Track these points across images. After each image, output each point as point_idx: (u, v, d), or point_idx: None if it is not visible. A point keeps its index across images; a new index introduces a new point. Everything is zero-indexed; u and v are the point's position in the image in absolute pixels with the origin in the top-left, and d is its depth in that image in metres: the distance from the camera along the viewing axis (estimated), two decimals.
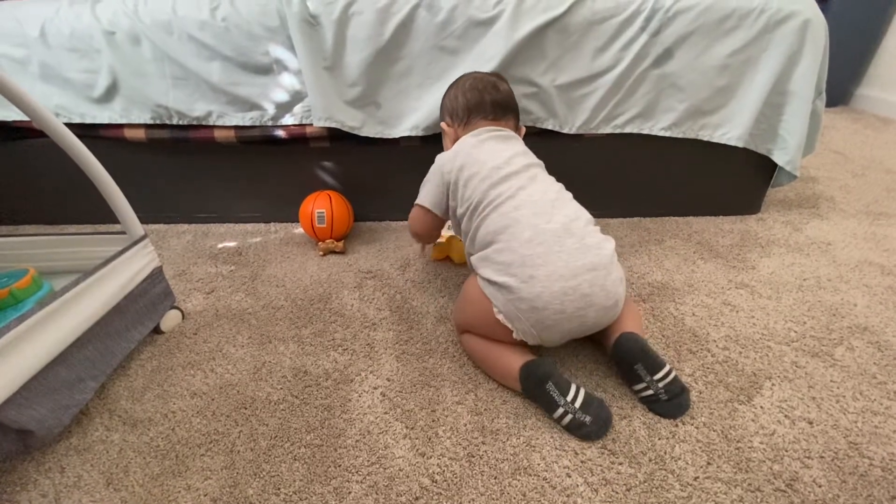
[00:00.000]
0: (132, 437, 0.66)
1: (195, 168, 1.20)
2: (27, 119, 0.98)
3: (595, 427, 0.63)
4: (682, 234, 1.16)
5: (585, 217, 0.72)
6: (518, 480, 0.59)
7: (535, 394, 0.66)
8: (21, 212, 1.28)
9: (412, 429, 0.66)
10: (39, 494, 0.59)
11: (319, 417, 0.68)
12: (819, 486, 0.57)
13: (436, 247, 1.06)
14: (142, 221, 0.79)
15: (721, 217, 1.24)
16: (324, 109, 1.05)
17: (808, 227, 1.18)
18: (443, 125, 0.90)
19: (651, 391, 0.66)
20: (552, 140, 1.11)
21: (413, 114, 1.07)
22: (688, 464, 0.60)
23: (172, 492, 0.59)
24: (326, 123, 1.06)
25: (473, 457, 0.62)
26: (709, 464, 0.60)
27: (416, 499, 0.57)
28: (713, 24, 1.00)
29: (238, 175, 1.21)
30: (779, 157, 1.12)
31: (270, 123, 1.10)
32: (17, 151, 1.17)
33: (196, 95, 1.07)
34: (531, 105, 1.07)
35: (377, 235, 1.20)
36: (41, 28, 1.03)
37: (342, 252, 1.12)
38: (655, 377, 0.65)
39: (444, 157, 0.82)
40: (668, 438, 0.63)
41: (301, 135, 1.10)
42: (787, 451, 0.61)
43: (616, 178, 1.20)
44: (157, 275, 0.82)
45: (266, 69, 1.04)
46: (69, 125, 0.94)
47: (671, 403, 0.65)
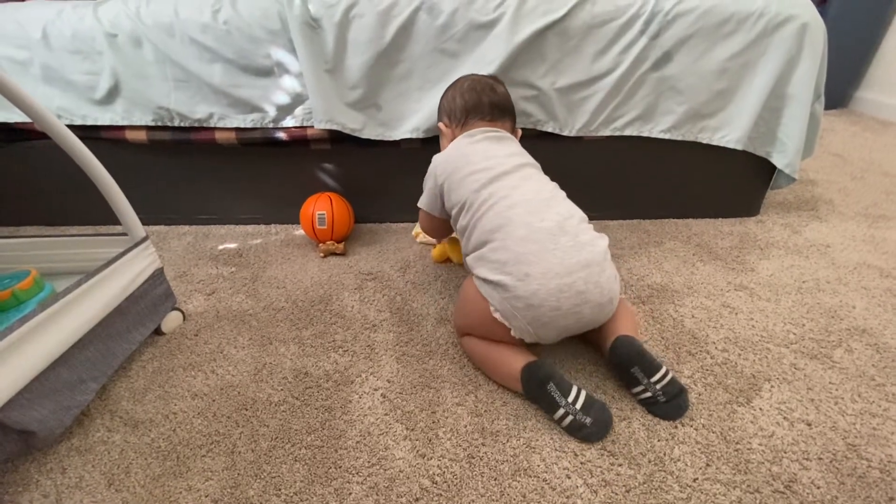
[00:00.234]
0: (133, 438, 0.66)
1: (196, 170, 1.20)
2: (29, 120, 1.00)
3: (595, 429, 0.63)
4: (682, 236, 1.16)
5: (579, 215, 0.73)
6: (518, 482, 0.59)
7: (537, 395, 0.66)
8: (23, 213, 1.28)
9: (412, 430, 0.66)
10: (41, 495, 0.59)
11: (320, 419, 0.68)
12: (817, 488, 0.57)
13: (436, 248, 1.06)
14: (143, 223, 0.79)
15: (720, 219, 1.24)
16: (325, 112, 1.05)
17: (807, 230, 1.18)
18: (440, 126, 0.91)
19: (649, 393, 0.66)
20: (552, 142, 1.11)
21: (413, 116, 1.07)
22: (687, 465, 0.60)
23: (173, 493, 0.59)
24: (327, 125, 1.06)
25: (473, 458, 0.62)
26: (708, 465, 0.60)
27: (417, 500, 0.57)
28: (712, 28, 1.00)
29: (239, 177, 1.21)
30: (778, 160, 1.12)
31: (271, 125, 1.11)
32: (19, 153, 1.17)
33: (197, 97, 1.08)
34: (531, 108, 1.07)
35: (378, 237, 1.20)
36: (43, 30, 1.03)
37: (343, 254, 1.12)
38: (653, 379, 0.66)
39: (438, 160, 0.83)
40: (668, 440, 0.63)
41: (302, 137, 1.11)
42: (786, 453, 0.61)
43: (615, 181, 1.20)
44: (159, 276, 0.83)
45: (267, 72, 1.05)
46: (71, 127, 0.94)
47: (670, 405, 0.66)
